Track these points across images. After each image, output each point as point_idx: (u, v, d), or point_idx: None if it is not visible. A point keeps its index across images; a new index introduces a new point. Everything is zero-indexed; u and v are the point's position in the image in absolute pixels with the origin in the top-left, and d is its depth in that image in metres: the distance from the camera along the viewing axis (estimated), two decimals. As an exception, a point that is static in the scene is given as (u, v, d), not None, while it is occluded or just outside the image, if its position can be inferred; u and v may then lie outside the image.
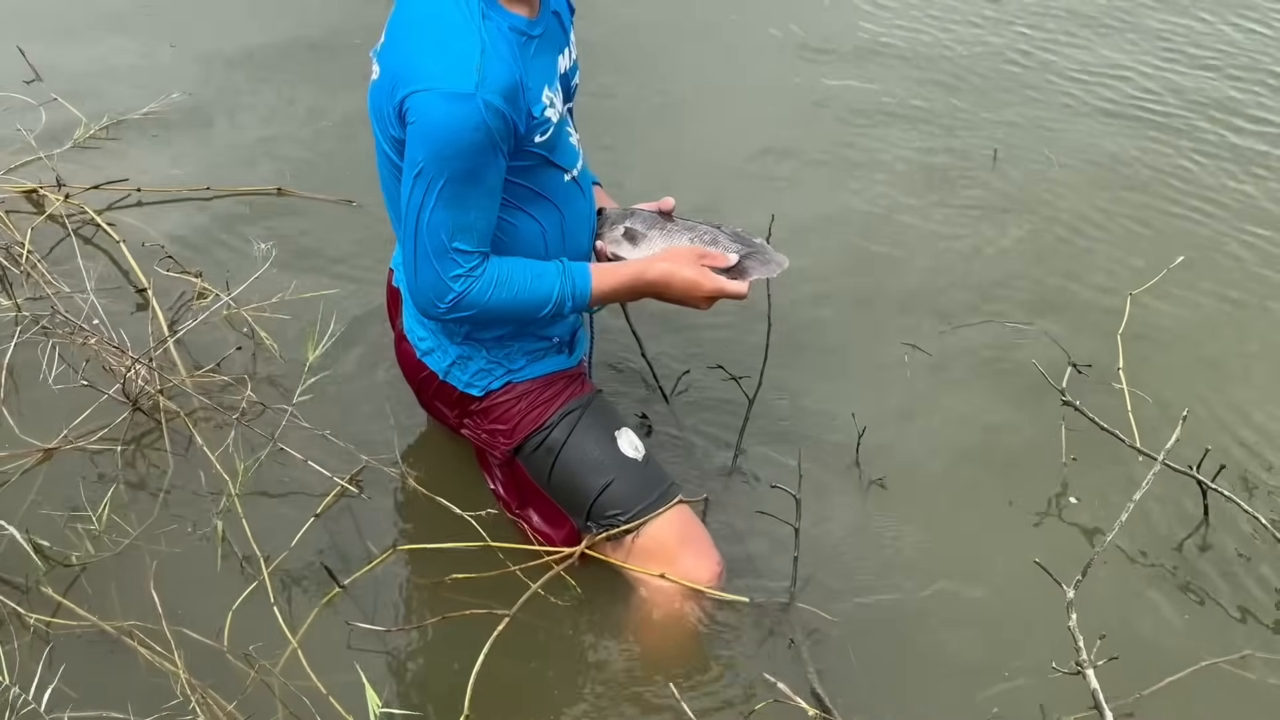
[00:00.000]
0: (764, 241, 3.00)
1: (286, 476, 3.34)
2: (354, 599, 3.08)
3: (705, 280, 2.86)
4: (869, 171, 4.58)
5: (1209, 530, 3.34)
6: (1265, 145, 4.75)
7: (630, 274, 2.89)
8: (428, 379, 3.09)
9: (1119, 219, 4.39)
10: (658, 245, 2.97)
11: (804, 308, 3.90)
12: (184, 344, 3.65)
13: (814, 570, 3.13)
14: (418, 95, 2.59)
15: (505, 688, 2.92)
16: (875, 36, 5.31)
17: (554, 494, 3.03)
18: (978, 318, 3.92)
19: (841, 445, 3.50)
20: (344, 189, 4.31)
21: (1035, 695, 2.90)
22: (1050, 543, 3.29)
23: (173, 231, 4.11)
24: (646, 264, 2.89)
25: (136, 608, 3.01)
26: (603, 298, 2.91)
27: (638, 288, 2.91)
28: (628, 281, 2.90)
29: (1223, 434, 3.57)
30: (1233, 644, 3.07)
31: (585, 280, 2.85)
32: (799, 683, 2.84)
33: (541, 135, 2.74)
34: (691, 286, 2.87)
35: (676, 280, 2.87)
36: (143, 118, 4.58)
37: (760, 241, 2.99)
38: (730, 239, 2.96)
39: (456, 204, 2.66)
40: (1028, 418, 3.61)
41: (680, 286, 2.87)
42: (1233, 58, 5.25)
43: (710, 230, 2.97)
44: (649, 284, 2.89)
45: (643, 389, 3.66)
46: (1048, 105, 4.94)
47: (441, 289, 2.74)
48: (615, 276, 2.89)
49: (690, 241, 2.96)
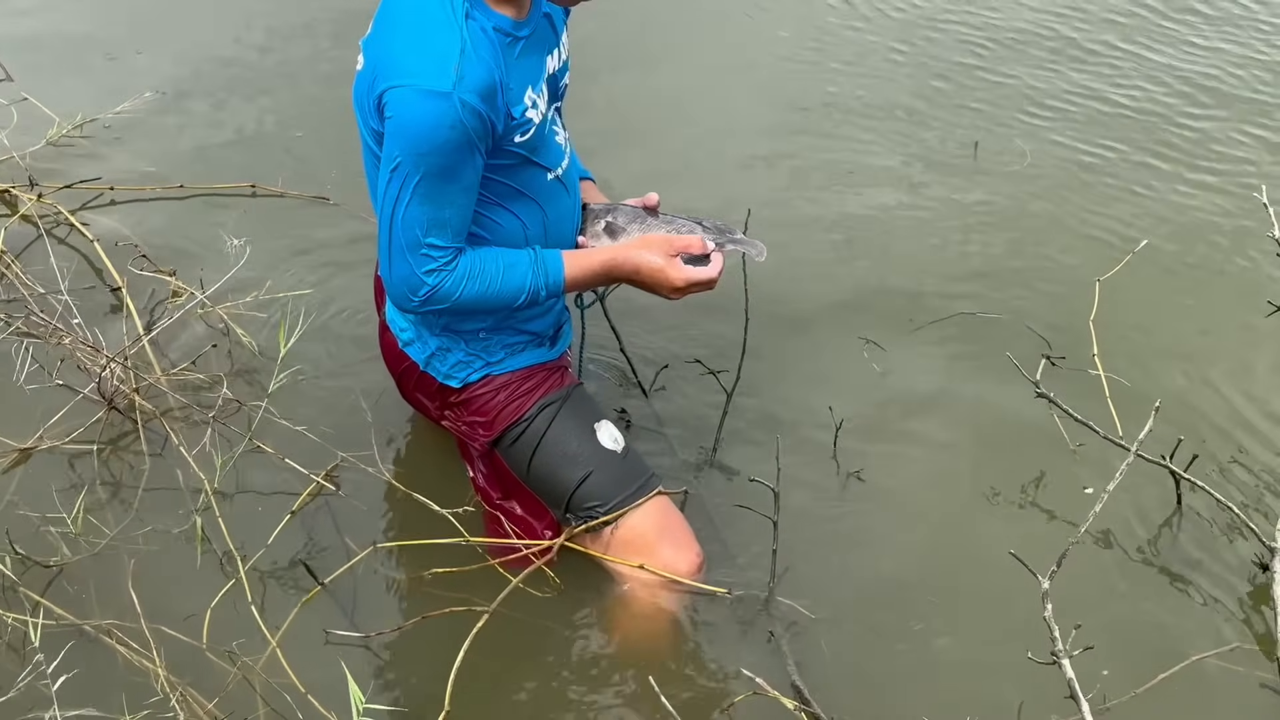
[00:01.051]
0: (743, 235, 3.02)
1: (264, 474, 3.34)
2: (334, 596, 3.08)
3: (673, 270, 2.88)
4: (848, 165, 4.60)
5: (1183, 518, 3.36)
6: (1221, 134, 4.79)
7: (602, 261, 2.91)
8: (409, 370, 3.09)
9: (1088, 207, 4.42)
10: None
11: (782, 302, 3.91)
12: (159, 343, 3.64)
13: (793, 563, 3.14)
14: (396, 90, 2.60)
15: (487, 681, 2.93)
16: (861, 35, 5.33)
17: (533, 486, 3.04)
18: (953, 310, 3.94)
19: (819, 438, 3.51)
20: (318, 185, 4.31)
21: (1014, 686, 2.91)
22: (1028, 533, 3.30)
23: (147, 230, 4.10)
24: (618, 251, 2.91)
25: (115, 607, 3.01)
26: (576, 285, 2.92)
27: (612, 274, 2.93)
28: (600, 268, 2.91)
29: (1197, 417, 3.60)
30: (1210, 633, 3.10)
31: (558, 269, 2.86)
32: (778, 675, 2.86)
33: (522, 135, 2.75)
34: (660, 274, 2.88)
35: (646, 268, 2.89)
36: (115, 117, 4.56)
37: (740, 234, 3.00)
38: (709, 233, 2.97)
39: (431, 200, 2.67)
40: (1004, 409, 3.62)
41: (650, 273, 2.89)
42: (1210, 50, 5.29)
43: (690, 225, 2.99)
44: (621, 270, 2.91)
45: (622, 383, 3.67)
46: (1021, 100, 4.96)
47: (415, 283, 2.75)
48: (587, 265, 2.90)
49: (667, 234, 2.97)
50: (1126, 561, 3.28)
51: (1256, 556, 3.21)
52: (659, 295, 2.94)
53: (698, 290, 2.92)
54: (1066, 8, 5.52)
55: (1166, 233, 4.30)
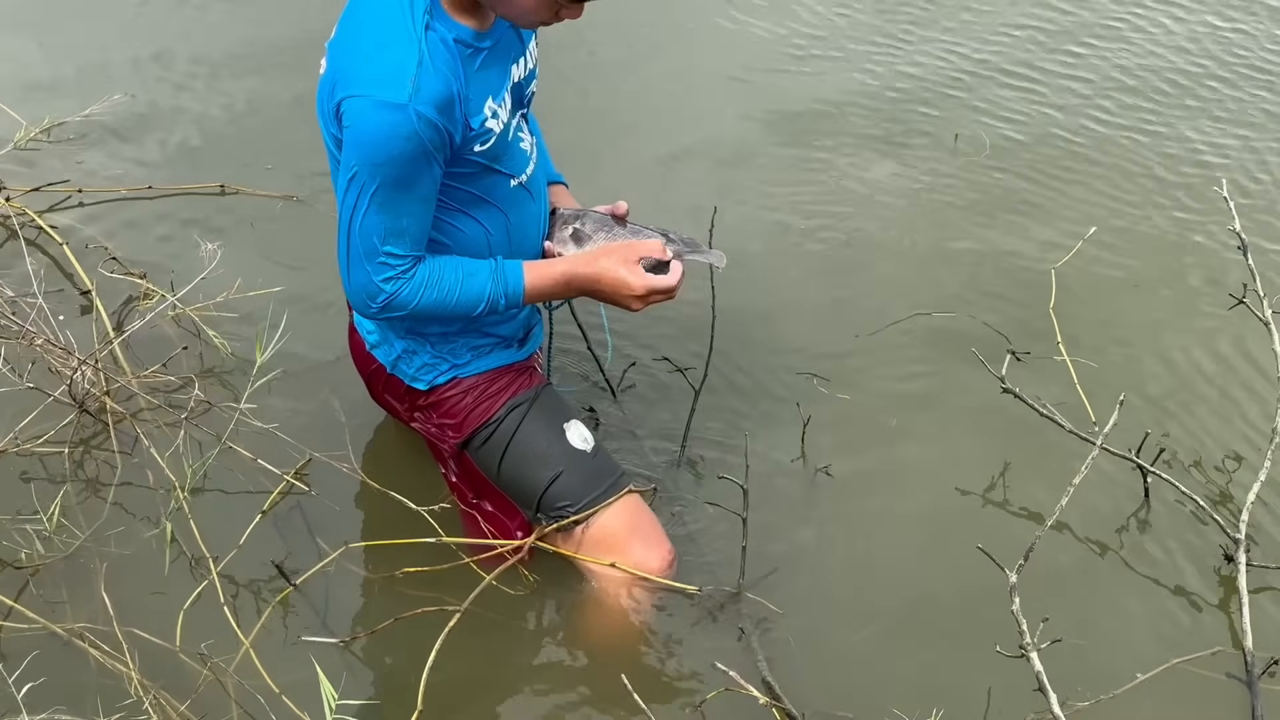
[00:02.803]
0: (707, 247, 3.02)
1: (237, 475, 3.34)
2: (306, 596, 3.09)
3: (633, 277, 2.87)
4: (816, 167, 4.62)
5: (1150, 512, 3.39)
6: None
7: (562, 271, 2.90)
8: (377, 371, 3.10)
9: (1051, 194, 4.47)
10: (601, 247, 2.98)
11: (748, 300, 3.92)
12: (131, 345, 3.64)
13: (763, 559, 3.16)
14: (352, 100, 2.60)
15: (459, 680, 2.94)
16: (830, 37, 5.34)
17: (503, 486, 3.05)
18: (919, 306, 3.96)
19: (787, 435, 3.53)
20: (288, 185, 4.31)
21: (984, 679, 2.93)
22: (997, 527, 3.33)
23: (116, 232, 4.09)
24: (578, 261, 2.91)
25: (87, 609, 3.02)
26: (536, 295, 2.90)
27: (572, 284, 2.92)
28: (560, 279, 2.90)
29: (1161, 413, 3.64)
30: (1179, 625, 3.15)
31: (517, 278, 2.86)
32: (749, 671, 2.88)
33: (482, 145, 2.74)
34: (620, 284, 2.87)
35: (606, 279, 2.88)
36: (83, 120, 4.54)
37: (704, 246, 3.01)
38: (673, 243, 2.97)
39: (388, 209, 2.67)
40: (971, 403, 3.65)
41: (610, 284, 2.88)
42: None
43: (657, 235, 2.98)
44: (581, 280, 2.90)
45: (590, 382, 3.68)
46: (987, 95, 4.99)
47: (372, 290, 2.76)
48: (548, 275, 2.89)
49: None
50: (1095, 554, 3.31)
51: (1223, 547, 3.24)
52: (621, 306, 2.92)
53: (659, 299, 2.90)
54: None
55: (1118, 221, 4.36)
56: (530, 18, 2.65)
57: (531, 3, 2.59)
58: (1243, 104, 4.92)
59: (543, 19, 2.65)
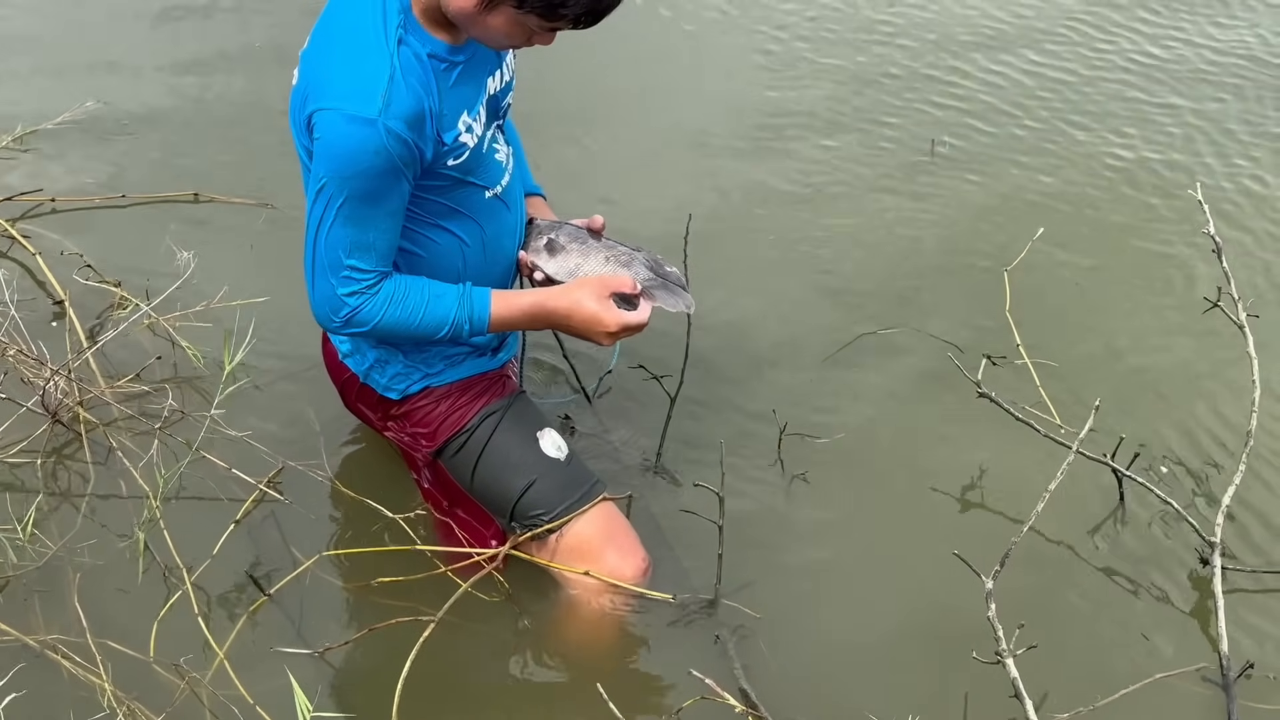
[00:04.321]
0: (678, 272, 3.00)
1: (211, 484, 3.33)
2: (281, 606, 3.08)
3: (607, 315, 2.84)
4: (792, 167, 4.63)
5: (1126, 514, 3.40)
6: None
7: (531, 303, 2.88)
8: (350, 381, 3.09)
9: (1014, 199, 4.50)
10: (574, 260, 2.96)
11: (725, 306, 3.93)
12: (106, 355, 3.63)
13: (738, 567, 3.15)
14: (323, 113, 2.58)
15: (434, 689, 2.94)
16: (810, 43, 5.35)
17: (477, 495, 3.04)
18: (892, 315, 3.96)
19: (763, 442, 3.53)
20: (262, 192, 4.30)
21: (961, 686, 2.94)
22: (974, 532, 3.34)
23: (90, 241, 4.06)
24: (550, 294, 2.88)
25: (60, 621, 3.01)
26: (501, 326, 2.88)
27: (539, 317, 2.89)
28: (529, 311, 2.88)
29: (1135, 420, 3.64)
30: (1156, 630, 3.15)
31: (484, 307, 2.83)
32: (725, 679, 2.87)
33: (455, 159, 2.73)
34: (593, 320, 2.84)
35: (578, 315, 2.85)
36: (55, 127, 4.53)
37: (674, 271, 2.99)
38: (645, 265, 2.96)
39: (356, 222, 2.66)
40: (948, 408, 3.65)
41: (581, 320, 2.85)
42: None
43: (629, 253, 2.96)
44: (551, 314, 2.87)
45: (566, 390, 3.68)
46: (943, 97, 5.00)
47: (336, 304, 2.74)
48: (516, 305, 2.87)
49: (606, 260, 2.94)
50: (1072, 559, 3.31)
51: (1198, 550, 3.25)
52: (590, 340, 2.90)
53: (629, 335, 2.90)
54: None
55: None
56: (503, 43, 2.65)
57: (504, 29, 2.58)
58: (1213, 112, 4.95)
59: (515, 44, 2.64)
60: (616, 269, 2.93)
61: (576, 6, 2.50)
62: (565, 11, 2.50)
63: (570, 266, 2.96)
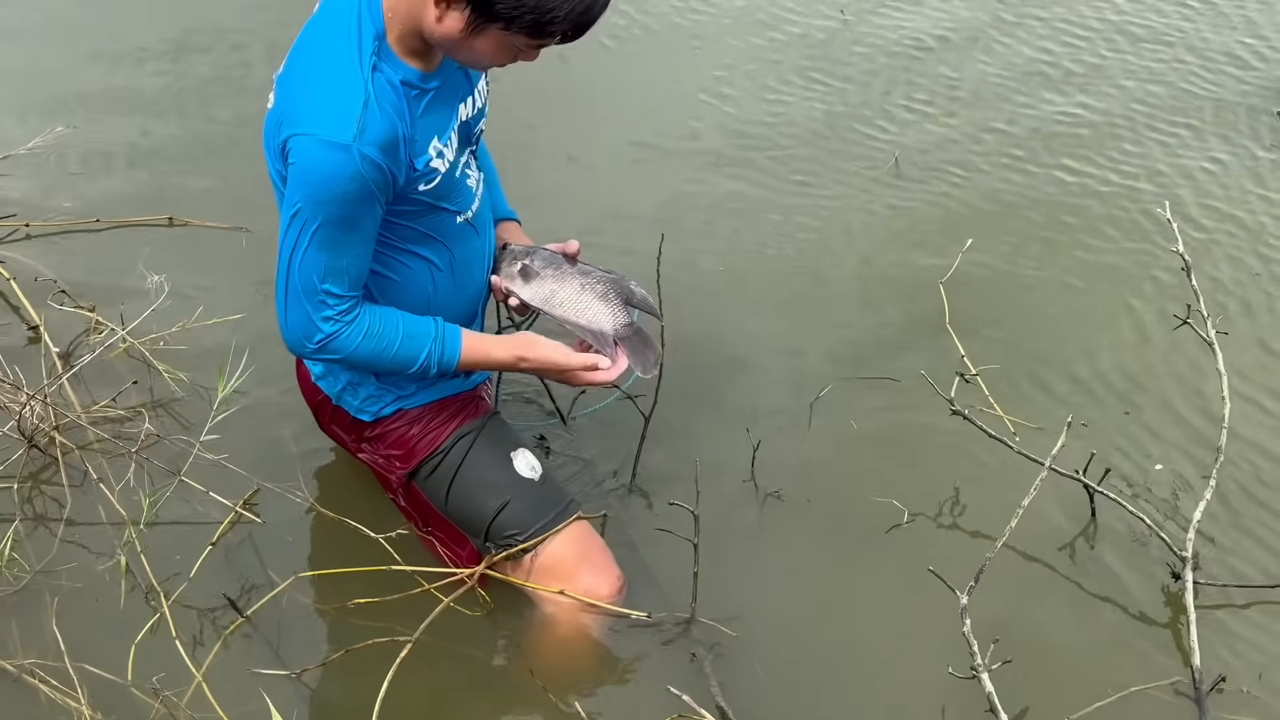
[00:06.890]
0: (646, 294, 3.05)
1: (188, 506, 3.33)
2: (258, 628, 3.08)
3: (576, 380, 2.98)
4: (766, 182, 4.66)
5: (1098, 530, 3.42)
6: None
7: (505, 353, 2.95)
8: (323, 403, 3.11)
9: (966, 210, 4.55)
10: (549, 286, 2.98)
11: (697, 324, 3.94)
12: (82, 379, 3.62)
13: (714, 584, 3.15)
14: (298, 139, 2.60)
15: (412, 710, 2.94)
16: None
17: (452, 516, 3.05)
18: (866, 331, 4.00)
19: (737, 460, 3.54)
20: (237, 216, 4.30)
21: (937, 702, 2.95)
22: (948, 548, 3.35)
23: (65, 266, 4.06)
24: (526, 346, 2.94)
25: (37, 645, 3.00)
26: (470, 368, 2.95)
27: (509, 366, 2.98)
28: (502, 359, 2.96)
29: (1114, 436, 3.67)
30: (1127, 646, 3.18)
31: (454, 350, 2.86)
32: (702, 696, 2.87)
33: (426, 185, 2.75)
34: (562, 380, 2.99)
35: (550, 372, 2.97)
36: (28, 152, 4.52)
37: (643, 293, 3.04)
38: (618, 292, 2.99)
39: (330, 247, 2.67)
40: (920, 424, 3.68)
41: (554, 377, 3.01)
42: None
43: (604, 281, 2.99)
44: (522, 362, 2.94)
45: (540, 410, 3.69)
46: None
47: (310, 329, 2.75)
48: (487, 351, 2.94)
49: (581, 288, 2.98)
50: (1046, 574, 3.33)
51: (1170, 565, 3.27)
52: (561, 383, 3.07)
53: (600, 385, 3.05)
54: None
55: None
56: (489, 64, 2.69)
57: (490, 51, 2.60)
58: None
59: (500, 63, 2.67)
60: (591, 297, 2.97)
61: (564, 23, 2.52)
62: (553, 29, 2.54)
63: (545, 293, 2.98)
